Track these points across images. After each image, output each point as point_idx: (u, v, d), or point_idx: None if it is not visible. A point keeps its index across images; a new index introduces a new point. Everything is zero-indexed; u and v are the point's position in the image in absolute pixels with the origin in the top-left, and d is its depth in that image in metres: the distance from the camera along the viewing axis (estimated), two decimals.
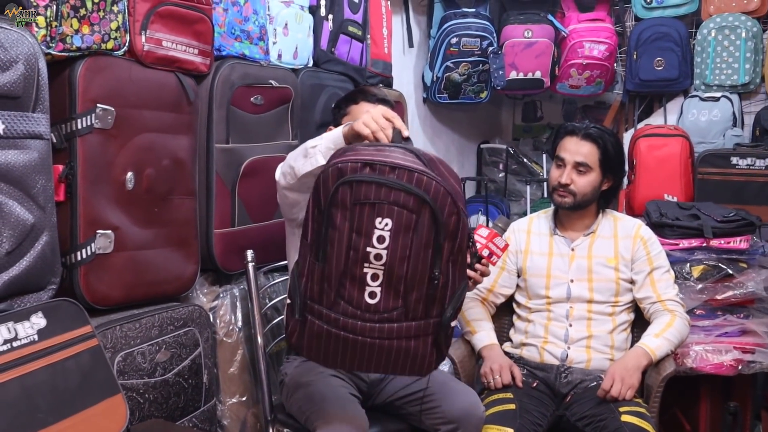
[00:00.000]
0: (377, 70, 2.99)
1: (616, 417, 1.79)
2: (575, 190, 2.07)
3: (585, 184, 2.07)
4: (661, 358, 1.99)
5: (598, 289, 2.08)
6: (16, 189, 1.43)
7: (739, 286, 2.46)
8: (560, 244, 2.15)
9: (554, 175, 2.12)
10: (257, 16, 2.19)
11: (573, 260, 2.11)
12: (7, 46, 1.38)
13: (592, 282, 2.09)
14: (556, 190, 2.11)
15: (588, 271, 2.09)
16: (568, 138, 2.11)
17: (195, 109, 1.97)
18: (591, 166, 2.07)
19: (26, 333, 1.36)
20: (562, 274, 2.11)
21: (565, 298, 2.10)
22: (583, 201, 2.09)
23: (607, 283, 2.08)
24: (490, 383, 1.99)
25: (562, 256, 2.13)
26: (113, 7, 1.68)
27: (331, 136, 1.55)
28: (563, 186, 2.07)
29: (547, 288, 2.12)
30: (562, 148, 2.12)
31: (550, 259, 2.13)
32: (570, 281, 2.10)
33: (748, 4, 3.37)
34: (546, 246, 2.16)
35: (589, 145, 2.07)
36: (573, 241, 2.14)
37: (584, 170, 2.07)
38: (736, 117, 3.36)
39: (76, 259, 1.65)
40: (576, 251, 2.12)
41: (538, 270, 2.13)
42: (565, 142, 2.12)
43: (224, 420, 2.04)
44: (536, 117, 4.80)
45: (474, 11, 3.55)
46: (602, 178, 2.10)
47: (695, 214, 2.61)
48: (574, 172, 2.07)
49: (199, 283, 2.09)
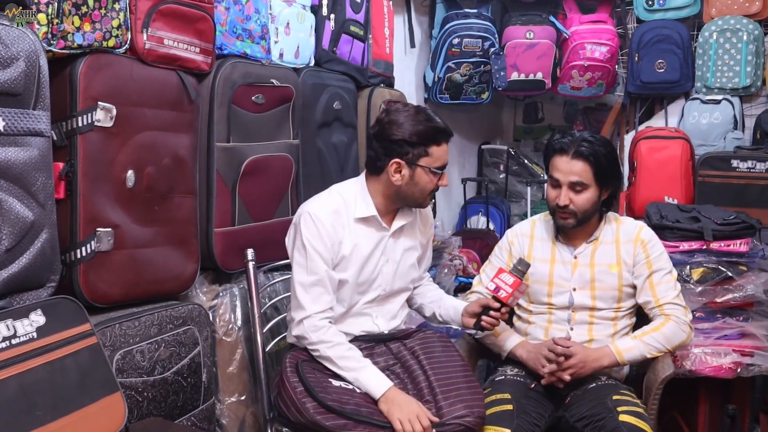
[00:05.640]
0: (379, 70, 2.99)
1: (614, 416, 1.79)
2: (575, 210, 2.01)
3: (583, 201, 2.01)
4: (632, 360, 1.99)
5: (600, 297, 2.07)
6: (16, 186, 1.43)
7: (739, 289, 2.45)
8: (563, 252, 2.12)
9: (551, 195, 2.05)
10: (259, 15, 2.19)
11: (576, 268, 2.09)
12: (8, 42, 1.38)
13: (594, 290, 2.07)
14: (556, 212, 2.05)
15: (591, 280, 2.07)
16: (558, 157, 2.02)
17: (196, 107, 1.97)
18: (587, 183, 2.00)
19: (25, 330, 1.36)
20: (565, 282, 2.09)
21: (567, 306, 2.09)
22: (584, 218, 2.04)
23: (610, 291, 2.06)
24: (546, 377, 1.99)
25: (564, 263, 2.10)
26: (115, 5, 1.68)
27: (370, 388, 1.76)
28: (562, 208, 2.02)
29: (549, 296, 2.10)
30: (554, 168, 2.03)
31: (552, 266, 2.11)
32: (572, 290, 2.08)
33: (750, 7, 3.37)
34: (548, 253, 2.13)
35: (581, 163, 1.98)
36: (576, 249, 2.10)
37: (580, 189, 2.00)
38: (737, 120, 3.36)
39: (75, 256, 1.65)
40: (579, 259, 2.09)
41: (540, 277, 2.11)
42: (555, 161, 2.03)
43: (223, 419, 2.04)
44: (537, 118, 4.81)
45: (476, 12, 3.55)
46: (600, 191, 2.03)
47: (695, 217, 2.60)
48: (571, 191, 2.00)
49: (199, 281, 2.09)
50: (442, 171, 1.89)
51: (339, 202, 1.89)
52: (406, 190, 1.87)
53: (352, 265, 1.88)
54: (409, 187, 1.87)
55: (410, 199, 1.91)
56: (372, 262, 1.92)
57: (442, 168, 1.89)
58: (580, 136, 2.02)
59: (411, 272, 2.03)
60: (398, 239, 1.98)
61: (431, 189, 1.90)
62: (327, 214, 1.86)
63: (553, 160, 2.04)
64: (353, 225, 1.89)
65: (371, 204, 1.91)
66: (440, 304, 2.09)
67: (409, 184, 1.87)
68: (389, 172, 1.86)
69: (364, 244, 1.90)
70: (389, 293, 1.98)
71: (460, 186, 4.18)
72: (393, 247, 1.96)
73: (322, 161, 2.54)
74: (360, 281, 1.91)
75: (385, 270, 1.95)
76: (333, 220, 1.86)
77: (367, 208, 1.90)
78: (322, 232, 1.83)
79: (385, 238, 1.94)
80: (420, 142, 1.83)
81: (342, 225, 1.87)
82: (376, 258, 1.93)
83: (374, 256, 1.92)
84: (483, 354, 2.21)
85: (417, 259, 2.05)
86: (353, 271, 1.89)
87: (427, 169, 1.85)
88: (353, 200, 1.91)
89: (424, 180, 1.87)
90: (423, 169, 1.85)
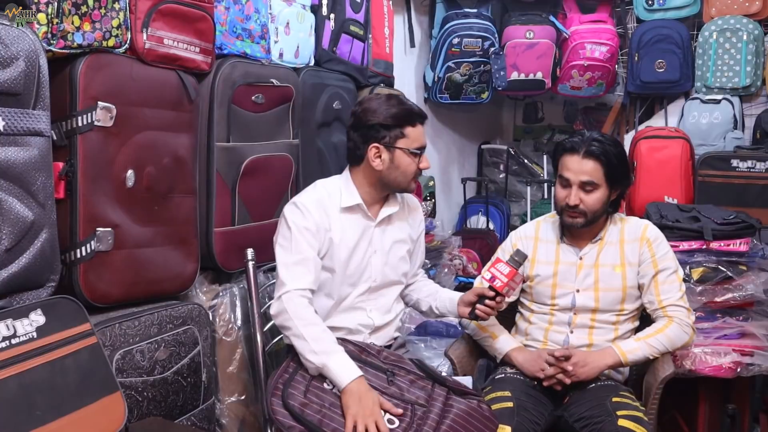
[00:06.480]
0: (378, 69, 2.99)
1: (612, 421, 1.79)
2: (585, 210, 2.00)
3: (594, 201, 1.99)
4: (635, 361, 1.98)
5: (603, 298, 2.05)
6: (16, 186, 1.43)
7: (739, 289, 2.45)
8: (568, 253, 2.10)
9: (560, 195, 2.04)
10: (259, 14, 2.19)
11: (581, 269, 2.07)
12: (8, 42, 1.38)
13: (598, 291, 2.05)
14: (565, 211, 2.03)
15: (595, 281, 2.06)
16: (568, 156, 2.01)
17: (196, 107, 1.97)
18: (597, 183, 1.98)
19: (25, 330, 1.36)
20: (569, 284, 2.08)
21: (570, 307, 2.08)
22: (594, 218, 2.03)
23: (614, 291, 2.05)
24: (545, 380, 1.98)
25: (569, 265, 2.09)
26: (115, 5, 1.68)
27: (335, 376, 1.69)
28: (572, 207, 2.00)
29: (553, 297, 2.09)
30: (564, 168, 2.01)
31: (556, 267, 2.10)
32: (576, 291, 2.07)
33: (750, 7, 3.37)
34: (553, 255, 2.12)
35: (592, 162, 1.97)
36: (581, 250, 2.09)
37: (591, 188, 1.98)
38: (736, 119, 3.36)
39: (75, 256, 1.65)
40: (584, 260, 2.08)
41: (544, 279, 2.10)
42: (566, 160, 2.01)
43: (223, 419, 2.04)
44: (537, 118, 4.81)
45: (476, 12, 3.55)
46: (609, 191, 2.02)
47: (695, 217, 2.60)
48: (581, 191, 1.99)
49: (199, 281, 2.09)
50: (421, 152, 1.93)
51: (323, 194, 1.94)
52: (388, 174, 1.91)
53: (339, 254, 1.90)
54: (391, 171, 1.90)
55: (394, 183, 1.94)
56: (359, 252, 1.94)
57: (421, 149, 1.92)
58: (590, 136, 2.01)
59: (401, 265, 2.04)
60: (385, 231, 2.00)
61: (413, 171, 1.92)
62: (312, 202, 1.90)
63: (563, 159, 2.03)
64: (339, 215, 1.93)
65: (356, 194, 1.94)
66: (436, 297, 2.10)
67: (390, 167, 1.90)
68: (369, 158, 1.90)
69: (350, 234, 1.93)
70: (380, 285, 1.99)
71: (460, 186, 4.18)
72: (380, 238, 1.99)
73: (322, 161, 2.54)
74: (348, 273, 1.93)
75: (374, 261, 1.97)
76: (318, 209, 1.89)
77: (352, 197, 1.94)
78: (307, 217, 1.87)
79: (371, 228, 1.97)
80: (395, 124, 1.88)
81: (327, 214, 1.91)
82: (363, 248, 1.95)
83: (361, 247, 1.94)
84: (483, 354, 2.21)
85: (407, 252, 2.07)
86: (341, 261, 1.91)
87: (407, 150, 1.89)
88: (338, 192, 1.95)
89: (405, 162, 1.90)
90: (402, 151, 1.89)
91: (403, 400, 1.70)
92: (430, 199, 3.59)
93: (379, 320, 1.98)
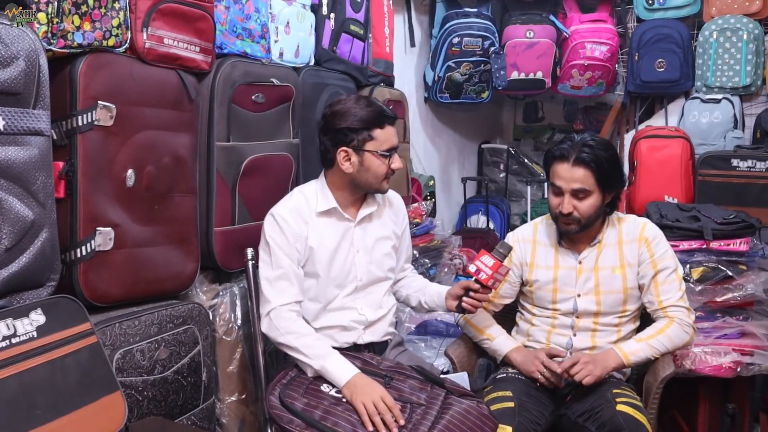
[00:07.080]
0: (379, 69, 2.99)
1: (611, 406, 1.80)
2: (579, 217, 1.97)
3: (587, 208, 1.97)
4: (637, 362, 1.98)
5: (605, 301, 2.04)
6: (16, 185, 1.43)
7: (739, 288, 2.45)
8: (566, 258, 2.09)
9: (554, 202, 2.02)
10: (259, 14, 2.19)
11: (580, 274, 2.06)
12: (8, 42, 1.38)
13: (599, 295, 2.04)
14: (559, 219, 2.01)
15: (595, 285, 2.05)
16: (558, 164, 1.97)
17: (196, 106, 1.97)
18: (590, 189, 1.95)
19: (25, 330, 1.36)
20: (569, 288, 2.07)
21: (572, 311, 2.07)
22: (588, 223, 2.00)
23: (615, 294, 2.04)
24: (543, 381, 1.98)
25: (568, 269, 2.07)
26: (115, 4, 1.68)
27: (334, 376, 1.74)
28: (565, 215, 1.98)
29: (554, 302, 2.08)
30: (555, 175, 1.98)
31: (556, 272, 2.09)
32: (577, 296, 2.06)
33: (750, 7, 3.37)
34: (552, 259, 2.10)
35: (583, 170, 1.93)
36: (580, 254, 2.08)
37: (583, 195, 1.96)
38: (737, 119, 3.36)
39: (75, 256, 1.65)
40: (583, 264, 2.06)
41: (544, 284, 2.09)
42: (556, 168, 1.98)
43: (223, 418, 2.04)
44: (537, 117, 4.81)
45: (476, 11, 3.55)
46: (603, 196, 1.99)
47: (695, 216, 2.60)
48: (574, 199, 1.96)
49: (199, 281, 2.09)
50: (392, 153, 1.93)
51: (300, 201, 1.95)
52: (359, 177, 1.91)
53: (320, 258, 1.92)
54: (361, 174, 1.91)
55: (366, 185, 1.95)
56: (341, 254, 1.95)
57: (390, 151, 1.92)
58: (580, 141, 1.97)
59: (386, 261, 2.05)
60: (366, 229, 2.01)
61: (384, 172, 1.93)
62: (288, 211, 1.92)
63: (553, 167, 2.00)
64: (316, 220, 1.94)
65: (331, 197, 1.96)
66: (425, 292, 2.11)
67: (360, 170, 1.91)
68: (339, 162, 1.91)
69: (329, 237, 1.94)
70: (367, 283, 2.01)
71: (460, 185, 4.18)
72: (362, 237, 2.00)
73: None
74: (333, 275, 1.95)
75: (358, 261, 1.98)
76: (295, 218, 1.91)
77: (327, 202, 1.95)
78: (284, 229, 1.88)
79: (351, 229, 1.98)
80: (363, 127, 1.88)
81: (305, 221, 1.92)
82: (345, 250, 1.96)
83: (342, 249, 1.96)
84: (483, 353, 2.21)
85: (393, 248, 2.08)
86: (323, 265, 1.92)
87: (376, 153, 1.89)
88: (314, 197, 1.97)
89: (375, 164, 1.90)
90: (371, 153, 1.89)
91: (401, 400, 1.71)
92: (430, 198, 3.59)
93: (372, 315, 2.00)
